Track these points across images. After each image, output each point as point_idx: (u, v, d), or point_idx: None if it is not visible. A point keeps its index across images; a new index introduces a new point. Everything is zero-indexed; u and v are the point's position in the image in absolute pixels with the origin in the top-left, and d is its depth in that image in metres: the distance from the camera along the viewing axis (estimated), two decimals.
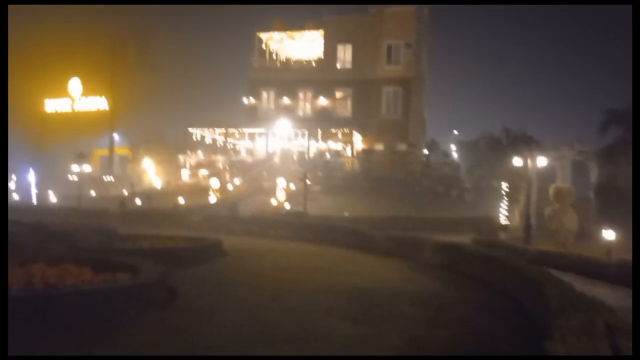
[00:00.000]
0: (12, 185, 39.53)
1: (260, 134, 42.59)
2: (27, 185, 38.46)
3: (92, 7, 45.85)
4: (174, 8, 53.93)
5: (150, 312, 8.16)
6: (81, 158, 33.50)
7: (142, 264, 10.05)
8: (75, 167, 34.53)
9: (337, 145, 42.71)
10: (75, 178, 36.18)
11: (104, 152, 50.16)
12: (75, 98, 48.70)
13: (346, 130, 40.84)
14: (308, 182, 33.66)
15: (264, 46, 46.46)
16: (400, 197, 31.79)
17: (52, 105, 49.34)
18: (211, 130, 43.42)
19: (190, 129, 42.61)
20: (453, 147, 42.83)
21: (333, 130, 41.18)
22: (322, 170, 37.40)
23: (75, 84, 48.29)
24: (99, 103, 48.82)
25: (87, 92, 48.82)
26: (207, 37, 72.12)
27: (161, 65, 50.44)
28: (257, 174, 37.87)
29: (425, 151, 41.28)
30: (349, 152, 41.61)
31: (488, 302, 9.89)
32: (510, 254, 14.59)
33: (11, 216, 20.46)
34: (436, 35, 57.50)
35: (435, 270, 13.50)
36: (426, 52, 46.76)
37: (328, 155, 41.22)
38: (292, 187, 33.04)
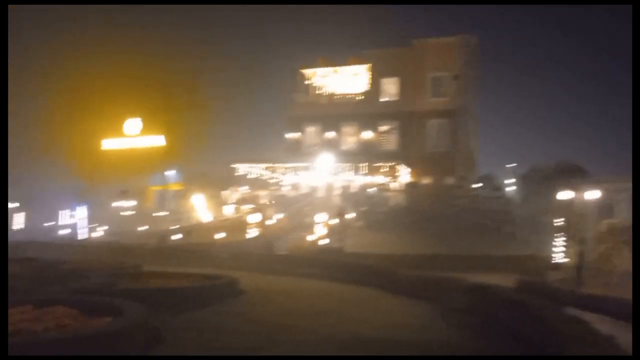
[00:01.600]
0: (64, 220, 41.52)
1: (304, 169, 42.27)
2: (77, 220, 39.66)
3: (147, 51, 47.98)
4: (220, 49, 55.41)
5: None
6: (124, 194, 34.16)
7: (130, 307, 9.41)
8: (118, 203, 35.09)
9: (381, 180, 41.48)
10: (126, 213, 36.89)
11: (159, 188, 50.71)
12: (132, 136, 49.96)
13: (391, 164, 39.90)
14: (350, 216, 32.85)
15: (307, 82, 46.46)
16: (445, 233, 30.14)
17: (110, 144, 50.34)
18: (255, 165, 43.53)
19: (235, 164, 42.81)
20: (504, 180, 40.71)
21: (377, 164, 40.33)
22: (365, 205, 36.34)
23: (132, 123, 49.90)
24: (155, 140, 49.85)
25: (143, 130, 49.86)
26: (251, 76, 74.14)
27: (210, 103, 51.35)
28: (299, 209, 37.46)
29: (474, 185, 39.31)
30: (393, 187, 40.21)
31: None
32: (550, 297, 12.98)
33: (41, 252, 20.97)
34: (486, 65, 56.09)
35: (460, 315, 12.14)
36: (473, 82, 45.25)
37: (372, 190, 39.96)
38: (333, 222, 32.15)
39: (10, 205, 48.55)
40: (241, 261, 22.62)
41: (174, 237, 32.54)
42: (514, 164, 44.03)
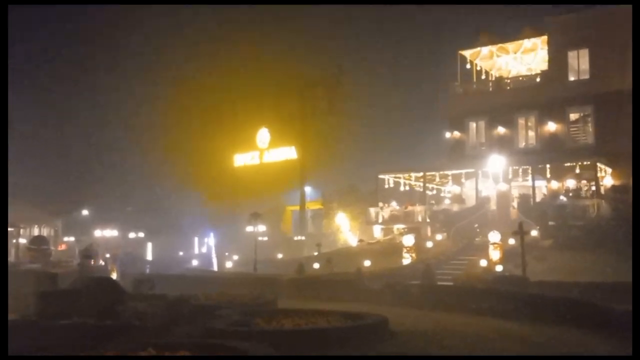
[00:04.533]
0: (194, 249, 45.24)
1: (468, 176, 41.41)
2: (208, 249, 43.07)
3: (278, 54, 50.61)
4: (357, 48, 56.50)
5: None
6: (255, 218, 35.77)
7: (258, 350, 9.58)
8: (252, 228, 36.88)
9: (573, 184, 38.97)
10: (260, 239, 38.90)
11: (296, 207, 53.81)
12: (264, 149, 53.97)
13: (587, 163, 37.12)
14: (533, 234, 31.23)
15: (467, 66, 45.55)
16: None
17: (241, 160, 55.10)
18: (406, 175, 43.64)
19: (382, 175, 43.19)
20: None
21: (568, 165, 38.00)
22: (555, 219, 34.31)
23: (263, 135, 53.47)
24: (288, 153, 53.09)
25: (275, 142, 53.80)
26: (395, 69, 74.97)
27: (349, 109, 53.55)
28: (465, 226, 36.71)
29: None
30: (592, 193, 37.39)
31: None
32: None
33: (170, 286, 22.58)
34: None
35: None
36: None
37: (563, 198, 37.60)
38: (511, 242, 30.61)
39: (139, 235, 54.03)
40: (394, 294, 22.50)
41: (314, 266, 33.34)
42: None
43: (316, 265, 33.46)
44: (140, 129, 63.90)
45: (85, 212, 63.05)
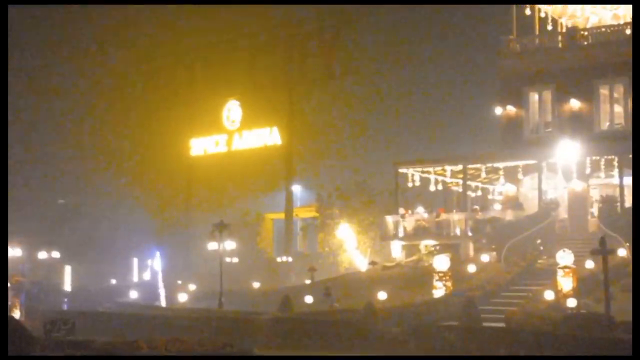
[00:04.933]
0: (134, 275, 45.52)
1: (528, 170, 41.48)
2: (153, 276, 42.99)
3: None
4: None
5: None
6: (221, 231, 35.44)
7: None
8: (212, 246, 36.81)
9: None
10: (228, 260, 39.85)
11: (279, 215, 53.64)
12: (233, 131, 53.94)
13: None
14: (622, 253, 31.72)
15: (528, 11, 45.33)
16: None
17: (201, 146, 54.90)
18: (439, 169, 43.59)
19: (403, 170, 43.16)
20: None
21: None
22: None
23: (232, 110, 53.64)
24: (268, 137, 52.84)
25: (249, 121, 53.70)
26: (420, 23, 72.69)
27: (356, 74, 52.77)
28: (524, 242, 36.86)
29: None
30: None
31: None
32: None
33: (97, 329, 22.33)
34: None
35: None
36: None
37: None
38: (589, 265, 31.41)
39: (53, 255, 53.53)
40: (421, 341, 22.72)
41: (306, 300, 33.18)
42: None
43: (309, 299, 33.26)
44: (59, 105, 63.27)
45: None
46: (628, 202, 38.13)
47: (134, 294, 42.25)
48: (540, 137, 42.11)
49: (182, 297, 40.11)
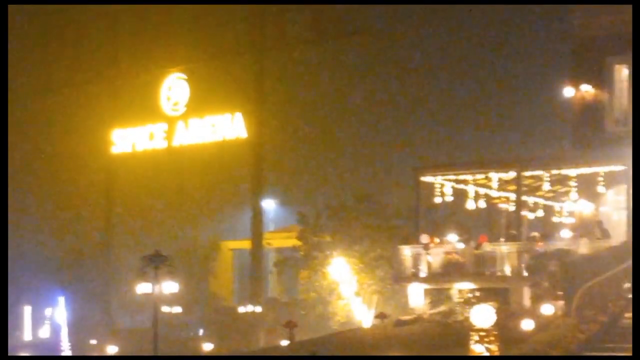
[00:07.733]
0: (23, 332, 39.40)
1: (612, 180, 36.85)
2: (54, 332, 37.94)
3: None
4: None
5: None
6: (155, 266, 29.93)
7: None
8: (142, 289, 31.69)
9: None
10: (167, 311, 36.91)
11: (243, 244, 49.34)
12: (176, 118, 49.51)
13: None
14: None
15: None
16: None
17: (127, 141, 50.21)
18: (479, 177, 38.62)
19: (426, 178, 37.83)
20: None
21: None
22: None
23: (175, 89, 48.47)
24: (228, 127, 48.49)
25: (200, 104, 49.23)
26: None
27: (355, 36, 47.07)
28: (606, 287, 32.53)
29: None
30: None
31: None
32: None
33: None
34: None
35: None
36: None
37: None
38: None
39: None
40: None
41: None
42: None
43: None
44: None
45: None
46: None
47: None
48: (628, 130, 36.34)
49: None
